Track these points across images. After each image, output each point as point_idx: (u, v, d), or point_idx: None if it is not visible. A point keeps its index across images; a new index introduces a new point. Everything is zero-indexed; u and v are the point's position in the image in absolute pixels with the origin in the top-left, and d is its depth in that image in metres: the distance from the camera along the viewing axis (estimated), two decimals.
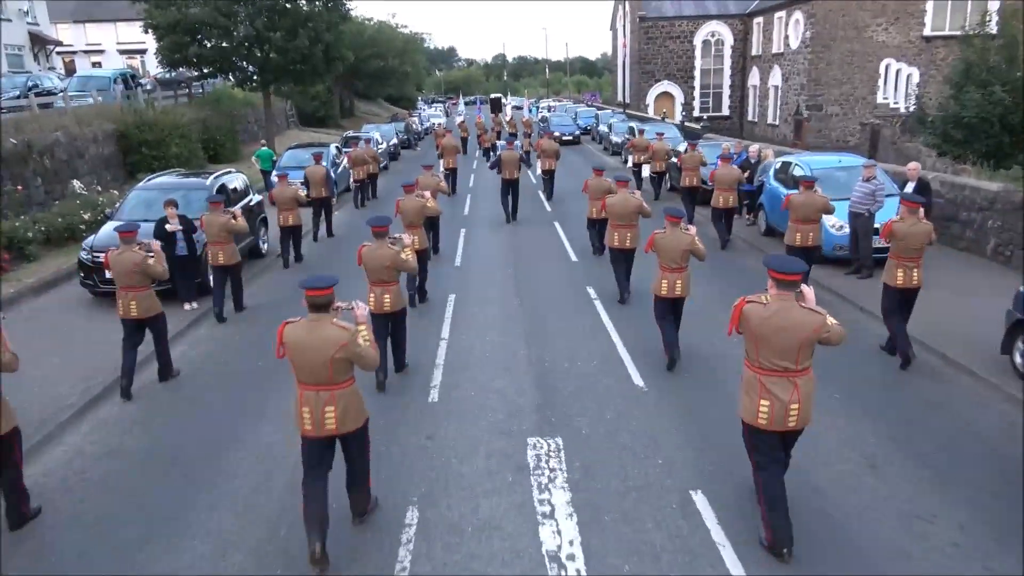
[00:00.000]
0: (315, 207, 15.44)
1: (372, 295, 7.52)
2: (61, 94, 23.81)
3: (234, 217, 10.08)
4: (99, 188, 17.14)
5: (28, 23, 38.73)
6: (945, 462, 5.92)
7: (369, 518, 5.36)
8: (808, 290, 4.72)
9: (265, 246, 13.74)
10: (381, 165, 23.24)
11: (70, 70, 44.92)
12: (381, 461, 5.99)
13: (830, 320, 4.61)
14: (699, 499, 5.48)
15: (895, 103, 36.39)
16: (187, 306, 10.46)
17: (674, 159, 18.30)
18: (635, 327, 9.29)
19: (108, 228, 10.98)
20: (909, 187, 10.75)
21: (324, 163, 15.86)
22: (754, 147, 16.14)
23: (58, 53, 53.50)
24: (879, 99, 36.46)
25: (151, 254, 7.55)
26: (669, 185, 19.34)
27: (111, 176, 19.81)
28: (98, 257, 10.18)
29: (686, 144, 19.31)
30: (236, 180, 13.71)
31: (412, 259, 7.58)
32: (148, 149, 20.54)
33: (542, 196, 19.90)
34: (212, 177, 12.48)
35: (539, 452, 6.31)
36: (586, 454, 6.24)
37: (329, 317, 4.79)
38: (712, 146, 19.46)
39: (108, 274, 7.78)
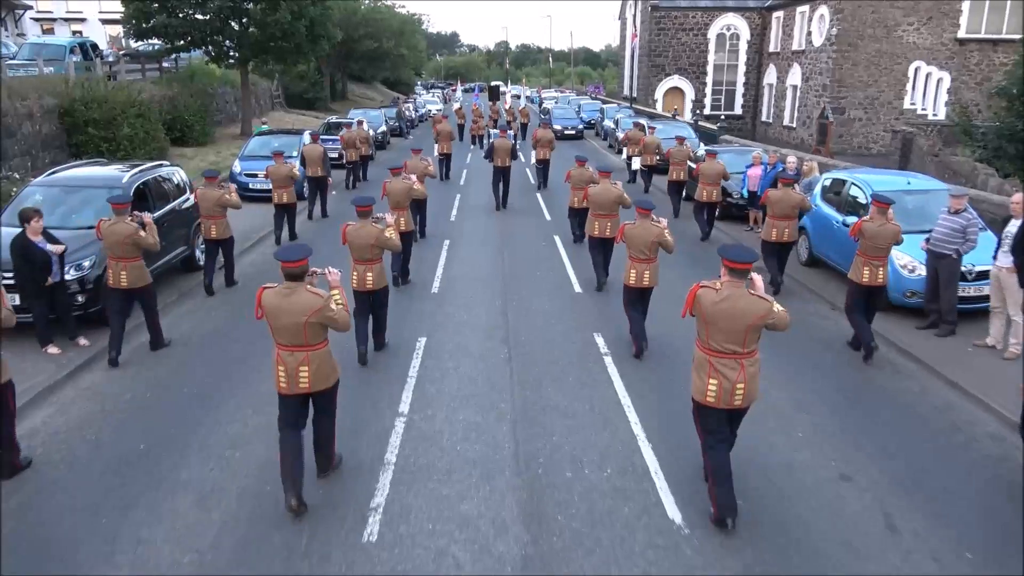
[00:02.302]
0: (311, 186, 15.90)
1: (355, 273, 7.75)
2: (9, 62, 21.31)
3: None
4: (17, 175, 14.57)
5: None
6: None
7: (334, 475, 5.66)
8: (758, 278, 4.97)
9: (201, 257, 11.23)
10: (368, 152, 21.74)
11: None
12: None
13: (776, 307, 4.89)
14: None
15: (923, 109, 33.98)
16: (51, 349, 7.87)
17: (692, 164, 15.75)
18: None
19: None
20: (1013, 225, 8.34)
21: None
22: (792, 158, 13.72)
23: (36, 20, 50.86)
24: (906, 104, 34.02)
25: (143, 226, 7.73)
26: (684, 195, 16.79)
27: (50, 159, 17.23)
28: None
29: (704, 151, 16.96)
30: (173, 175, 11.27)
31: (395, 237, 7.78)
32: (96, 129, 17.98)
33: (534, 182, 19.99)
34: (132, 172, 9.99)
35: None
36: None
37: (304, 284, 5.05)
38: (736, 152, 17.00)
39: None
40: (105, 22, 51.06)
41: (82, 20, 51.55)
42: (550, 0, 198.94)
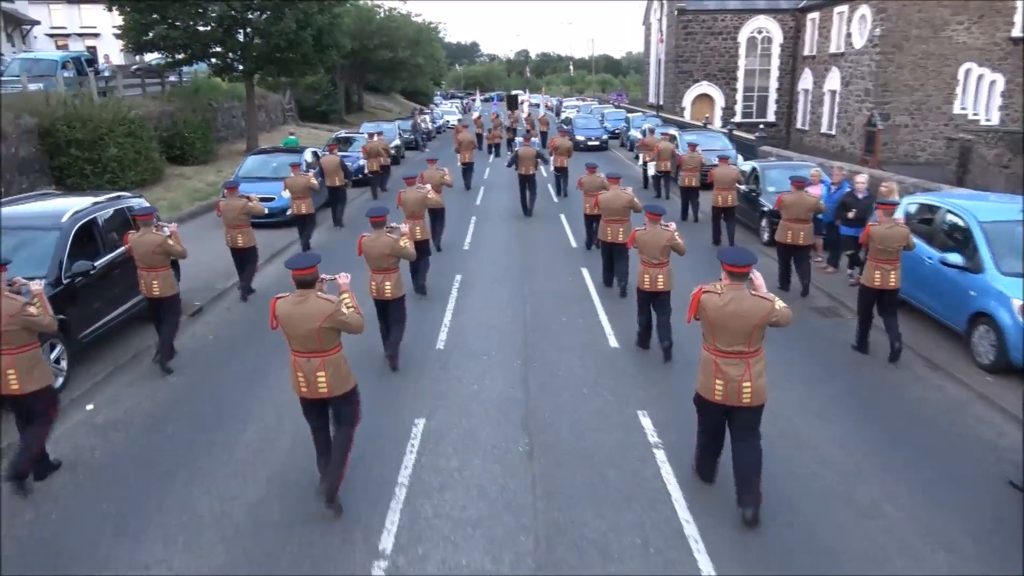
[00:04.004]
0: (329, 195, 16.09)
1: (373, 282, 7.84)
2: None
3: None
4: None
5: (2, 2, 35.02)
6: None
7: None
8: (758, 276, 5.07)
9: None
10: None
11: None
12: None
13: (778, 304, 4.99)
14: None
15: (975, 114, 31.58)
16: None
17: (773, 202, 13.71)
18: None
19: None
20: None
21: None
22: (862, 176, 11.70)
23: (50, 36, 50.23)
24: (956, 109, 31.67)
25: (170, 235, 7.81)
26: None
27: (28, 184, 15.77)
28: None
29: (751, 166, 15.01)
30: (134, 206, 9.60)
31: (410, 247, 7.82)
32: (79, 150, 16.49)
33: (551, 191, 19.87)
34: (77, 209, 8.27)
35: None
36: None
37: (315, 291, 5.13)
38: (788, 168, 14.97)
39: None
40: (120, 36, 50.35)
41: (96, 35, 50.82)
42: (571, 2, 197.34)
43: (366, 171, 20.30)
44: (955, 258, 8.38)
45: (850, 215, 10.98)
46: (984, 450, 6.23)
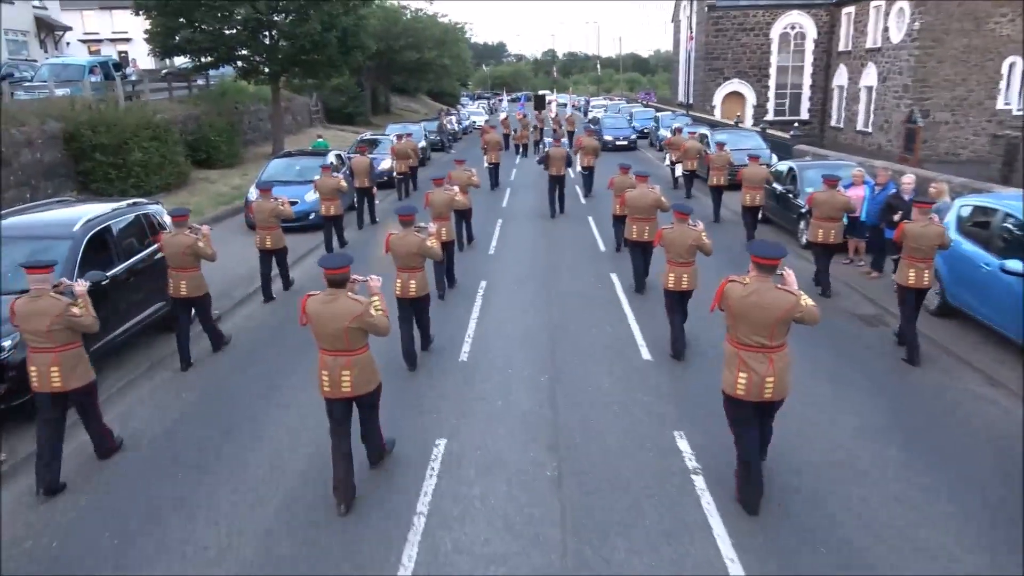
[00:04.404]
0: (359, 196, 16.26)
1: (399, 280, 7.83)
2: (26, 84, 20.17)
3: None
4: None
5: (34, 7, 35.51)
6: None
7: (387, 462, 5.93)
8: (790, 273, 5.16)
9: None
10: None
11: None
12: None
13: (804, 300, 4.92)
14: None
15: (1020, 109, 30.40)
16: None
17: (805, 200, 13.29)
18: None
19: None
20: None
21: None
22: (909, 177, 11.07)
23: (83, 41, 51.00)
24: (999, 104, 30.52)
25: (200, 237, 7.99)
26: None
27: (53, 189, 15.78)
28: None
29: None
30: (154, 216, 9.39)
31: (436, 246, 7.85)
32: (103, 155, 16.45)
33: (579, 191, 19.74)
34: (91, 217, 8.04)
35: None
36: None
37: (345, 291, 5.22)
38: (828, 167, 14.35)
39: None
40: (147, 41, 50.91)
41: (127, 40, 51.44)
42: (599, 1, 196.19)
43: (394, 173, 20.33)
44: (1016, 265, 7.77)
45: (896, 217, 10.34)
46: None
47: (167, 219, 9.82)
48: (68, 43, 44.36)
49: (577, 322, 9.53)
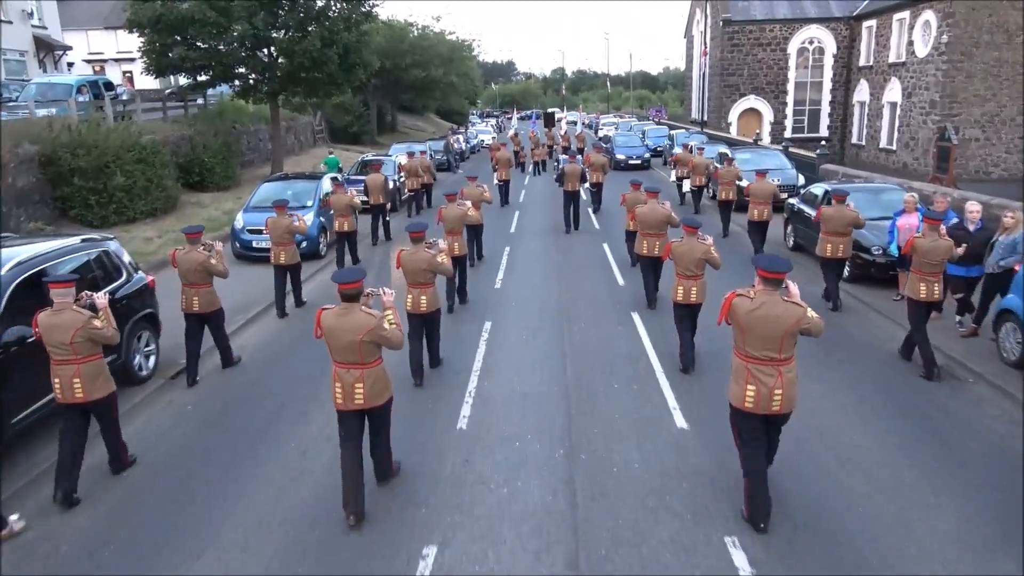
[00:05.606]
0: (373, 213, 16.45)
1: (410, 296, 7.95)
2: (10, 104, 19.17)
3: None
4: None
5: (33, 26, 34.78)
6: None
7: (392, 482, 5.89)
8: (793, 286, 5.14)
9: (143, 364, 8.18)
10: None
11: None
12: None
13: (810, 313, 4.96)
14: None
15: None
16: None
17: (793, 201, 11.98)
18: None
19: None
20: None
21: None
22: (974, 205, 9.69)
23: (88, 61, 50.53)
24: None
25: (213, 254, 8.14)
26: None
27: (27, 216, 14.65)
28: None
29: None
30: (108, 256, 8.15)
31: (447, 263, 7.94)
32: (82, 179, 15.32)
33: (588, 210, 19.57)
34: (14, 264, 6.71)
35: None
36: None
37: (359, 305, 5.34)
38: (869, 191, 12.92)
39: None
40: (141, 59, 50.32)
41: (132, 59, 50.84)
42: (607, 23, 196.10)
43: (404, 191, 20.34)
44: None
45: (959, 251, 8.94)
46: None
47: (125, 258, 8.63)
48: (71, 63, 43.79)
49: (596, 380, 8.17)
